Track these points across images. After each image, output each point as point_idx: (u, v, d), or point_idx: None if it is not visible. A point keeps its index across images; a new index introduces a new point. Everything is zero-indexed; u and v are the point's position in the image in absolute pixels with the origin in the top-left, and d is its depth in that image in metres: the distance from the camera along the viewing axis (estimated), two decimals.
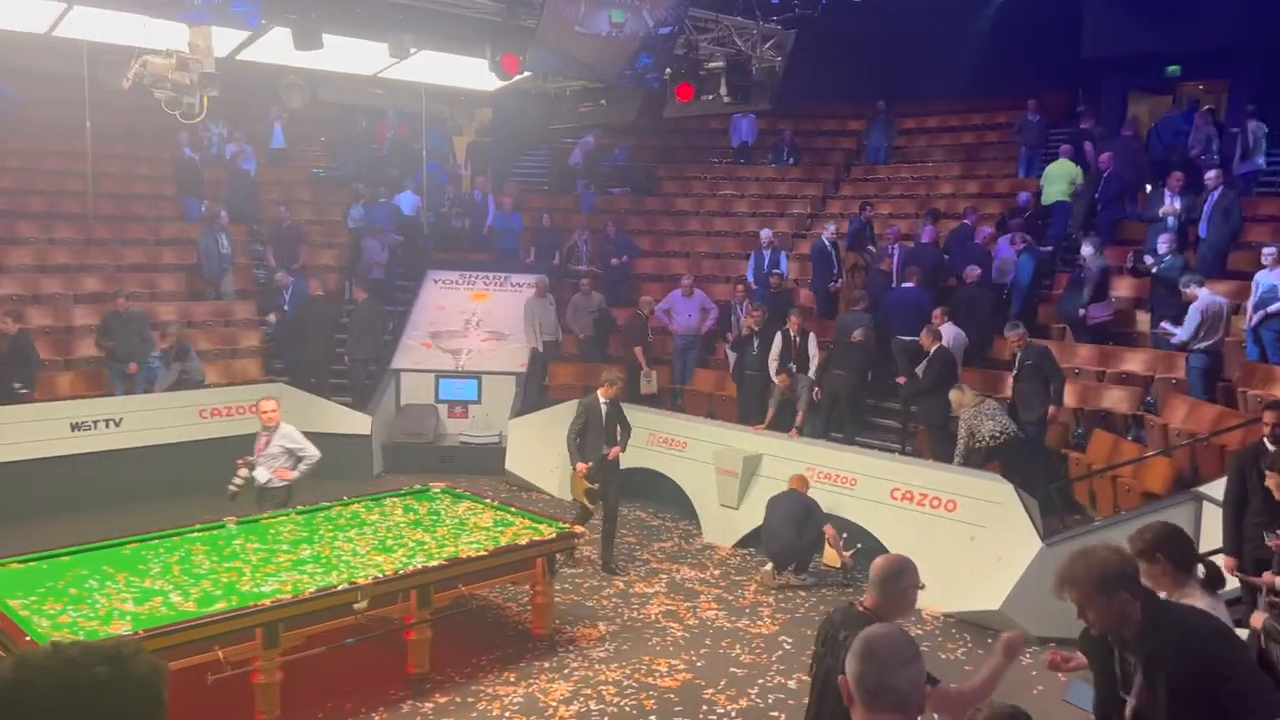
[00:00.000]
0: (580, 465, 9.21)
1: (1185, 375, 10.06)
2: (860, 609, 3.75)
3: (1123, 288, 12.31)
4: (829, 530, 8.89)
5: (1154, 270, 11.06)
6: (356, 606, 6.24)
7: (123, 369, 11.35)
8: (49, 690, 1.48)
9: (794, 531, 8.80)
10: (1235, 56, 15.75)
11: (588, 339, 13.59)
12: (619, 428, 9.36)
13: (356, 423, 12.10)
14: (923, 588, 3.77)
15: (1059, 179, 13.90)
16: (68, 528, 7.98)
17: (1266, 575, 4.92)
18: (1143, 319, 11.70)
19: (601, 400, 9.23)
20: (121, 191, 15.16)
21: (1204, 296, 9.80)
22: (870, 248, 13.62)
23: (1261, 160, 13.55)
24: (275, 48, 8.30)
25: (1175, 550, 3.45)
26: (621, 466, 9.46)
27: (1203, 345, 9.73)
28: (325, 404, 12.19)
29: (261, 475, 7.96)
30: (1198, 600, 3.39)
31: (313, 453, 8.01)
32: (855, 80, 19.48)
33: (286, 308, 13.15)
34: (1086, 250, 11.50)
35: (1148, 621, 3.05)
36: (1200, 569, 3.57)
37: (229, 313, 13.69)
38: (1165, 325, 10.37)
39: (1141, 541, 3.48)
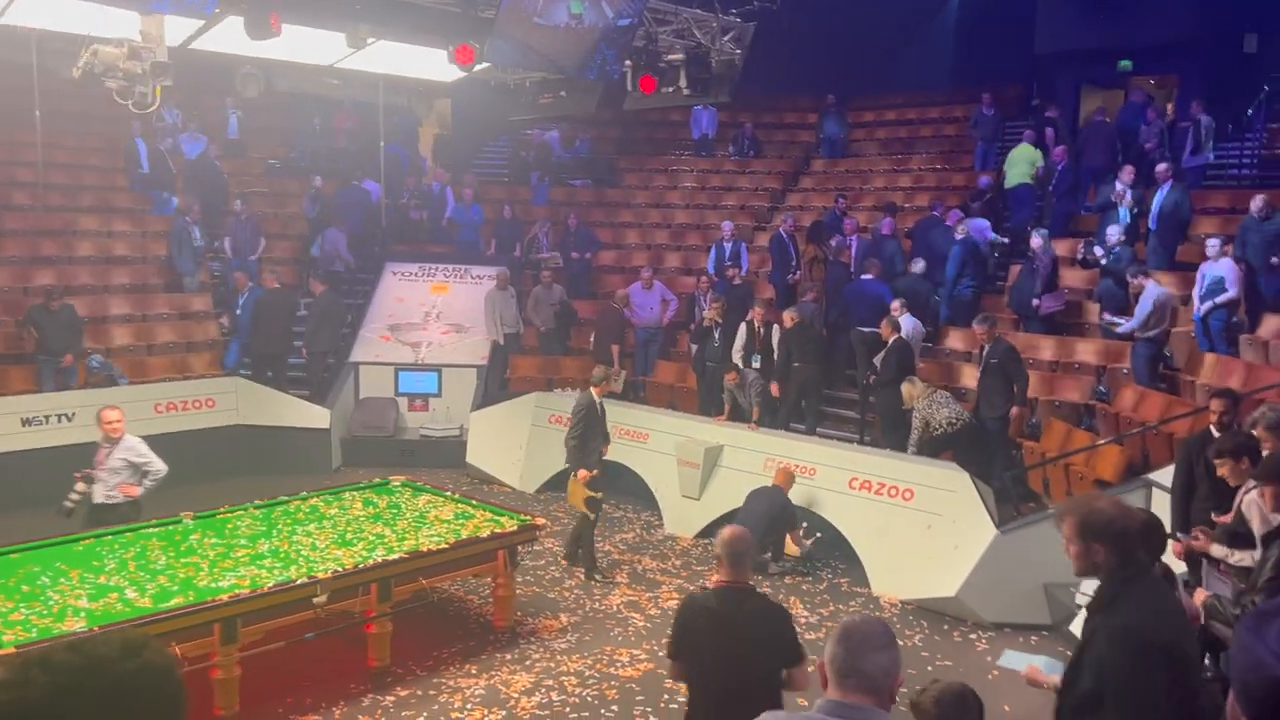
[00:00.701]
0: (582, 473, 8.89)
1: (1130, 363, 10.32)
2: (722, 585, 3.99)
3: (1075, 279, 12.51)
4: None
5: (1103, 261, 11.27)
6: (316, 601, 6.21)
7: (55, 363, 11.14)
8: (88, 693, 1.38)
9: (765, 527, 8.85)
10: (1184, 52, 16.07)
11: (548, 331, 13.58)
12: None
13: (315, 416, 12.01)
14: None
15: (1021, 162, 14.17)
16: (19, 524, 7.84)
17: (1200, 538, 5.00)
18: (1094, 310, 11.90)
19: (596, 398, 9.18)
20: (72, 182, 14.89)
21: (1152, 287, 10.10)
22: (832, 241, 13.72)
23: (1210, 154, 13.83)
24: (230, 37, 8.17)
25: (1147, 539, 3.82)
26: None
27: (1150, 334, 10.04)
28: (283, 397, 12.09)
29: (100, 491, 7.29)
30: None
31: (159, 466, 7.37)
32: (815, 73, 19.62)
33: (239, 311, 12.89)
34: (1036, 241, 11.69)
35: (1103, 597, 3.10)
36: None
37: (185, 306, 13.51)
38: (1107, 316, 10.69)
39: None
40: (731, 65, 10.52)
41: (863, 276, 12.08)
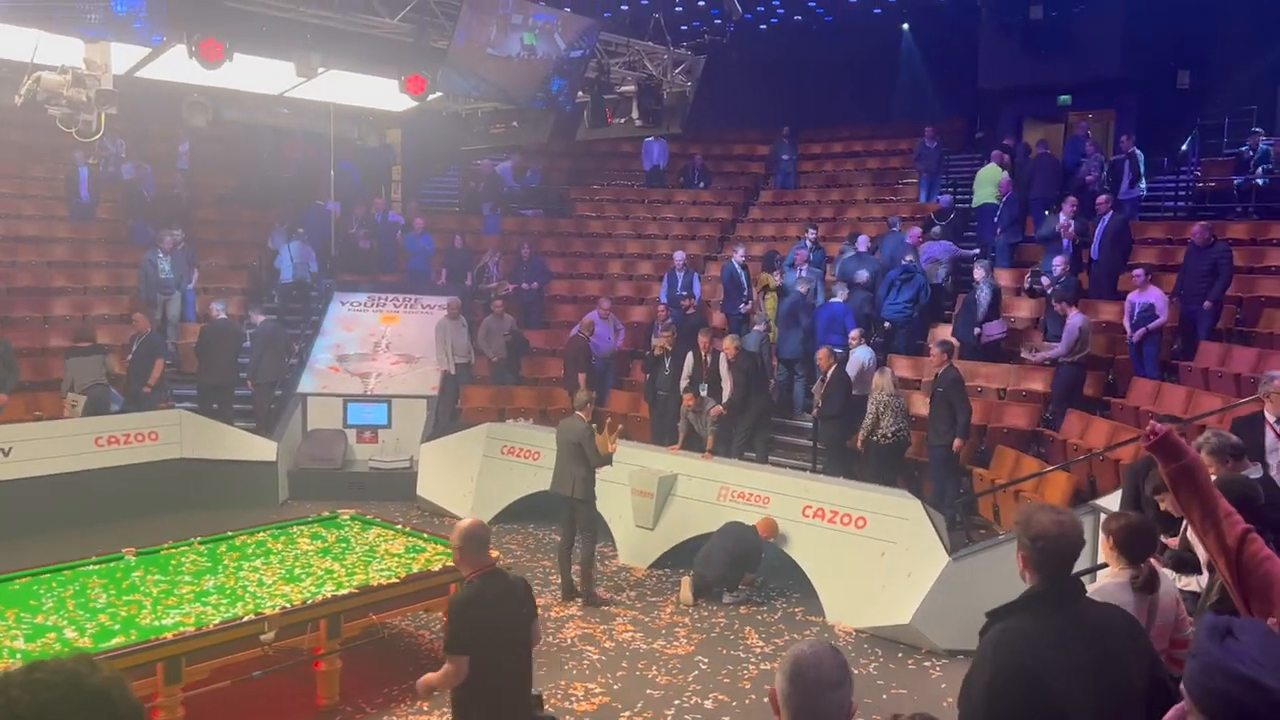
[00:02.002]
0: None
1: (1050, 388, 10.92)
2: (482, 573, 4.43)
3: (1022, 308, 12.75)
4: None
5: (1049, 291, 11.52)
6: (263, 638, 6.06)
7: None
8: (74, 705, 1.43)
9: (726, 566, 8.85)
10: (1121, 88, 16.56)
11: (500, 361, 13.49)
12: None
13: (261, 449, 11.78)
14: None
15: (987, 183, 14.55)
16: None
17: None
18: (1040, 339, 12.13)
19: (587, 421, 9.02)
20: (11, 213, 14.57)
21: (1076, 315, 10.57)
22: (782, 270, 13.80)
23: (1142, 188, 14.24)
24: (178, 65, 8.08)
25: (1124, 541, 3.97)
26: (536, 490, 9.30)
27: (1073, 359, 10.48)
28: (228, 430, 11.85)
29: None
30: (1109, 579, 3.87)
31: None
32: (763, 106, 19.93)
33: (130, 356, 12.17)
34: (979, 272, 11.94)
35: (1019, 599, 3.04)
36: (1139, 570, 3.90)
37: (127, 337, 13.21)
38: (1027, 350, 11.33)
39: (1111, 523, 4.04)
40: (682, 97, 10.64)
41: (831, 300, 12.23)
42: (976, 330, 11.72)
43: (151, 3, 6.99)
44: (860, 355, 11.16)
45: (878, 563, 8.44)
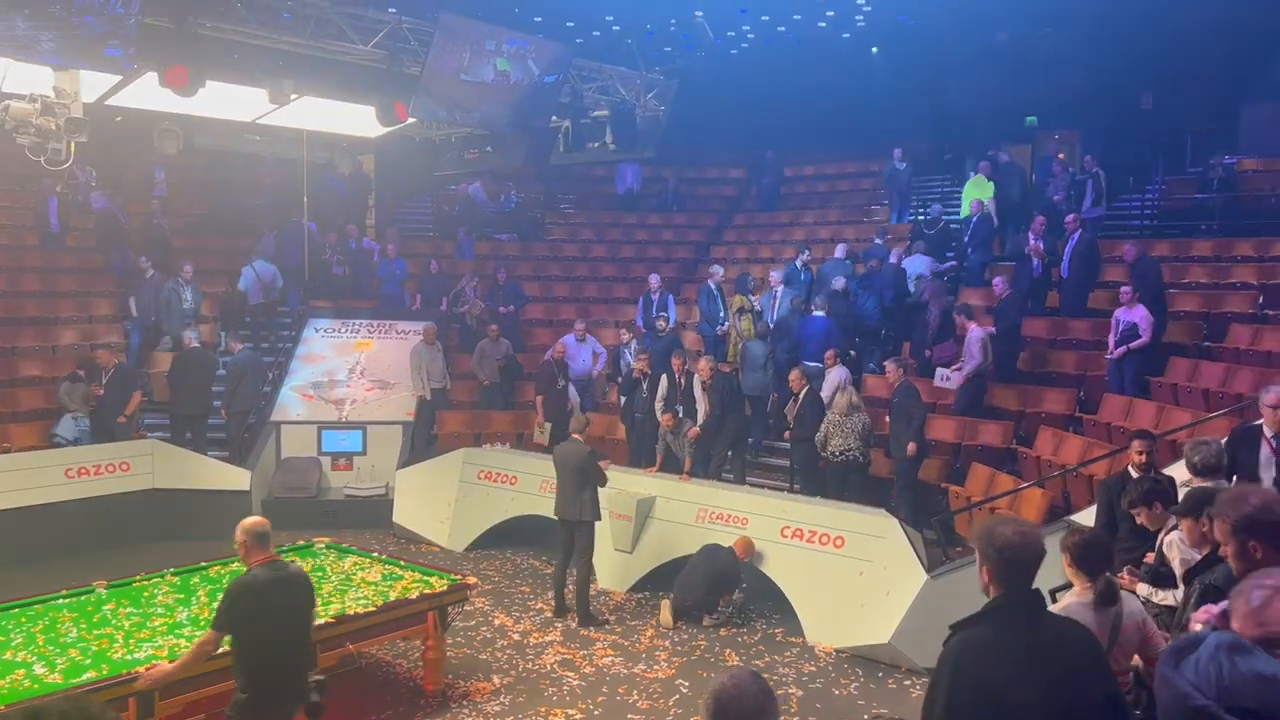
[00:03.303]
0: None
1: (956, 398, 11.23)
2: (262, 562, 5.11)
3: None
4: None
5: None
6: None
7: None
8: None
9: (704, 589, 8.86)
10: (1085, 108, 16.82)
11: (492, 386, 13.41)
12: None
13: (234, 478, 11.65)
14: None
15: (974, 194, 14.73)
16: None
17: (1125, 577, 5.11)
18: (1010, 358, 12.25)
19: (588, 447, 9.05)
20: None
21: (975, 329, 10.95)
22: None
23: (1102, 206, 14.45)
24: (148, 93, 8.05)
25: (1080, 555, 4.02)
26: (514, 515, 9.25)
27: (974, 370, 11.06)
28: (201, 459, 11.72)
29: None
30: (1073, 598, 3.93)
31: None
32: (735, 130, 20.08)
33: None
34: (928, 293, 12.11)
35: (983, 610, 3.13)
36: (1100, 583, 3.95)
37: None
38: (941, 372, 11.61)
39: (1067, 539, 4.11)
40: (655, 121, 10.72)
41: (813, 313, 12.35)
42: (927, 352, 11.86)
43: (123, 30, 6.97)
44: (835, 377, 11.21)
45: (856, 582, 8.45)
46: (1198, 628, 2.36)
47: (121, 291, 14.62)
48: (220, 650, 5.96)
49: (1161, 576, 4.93)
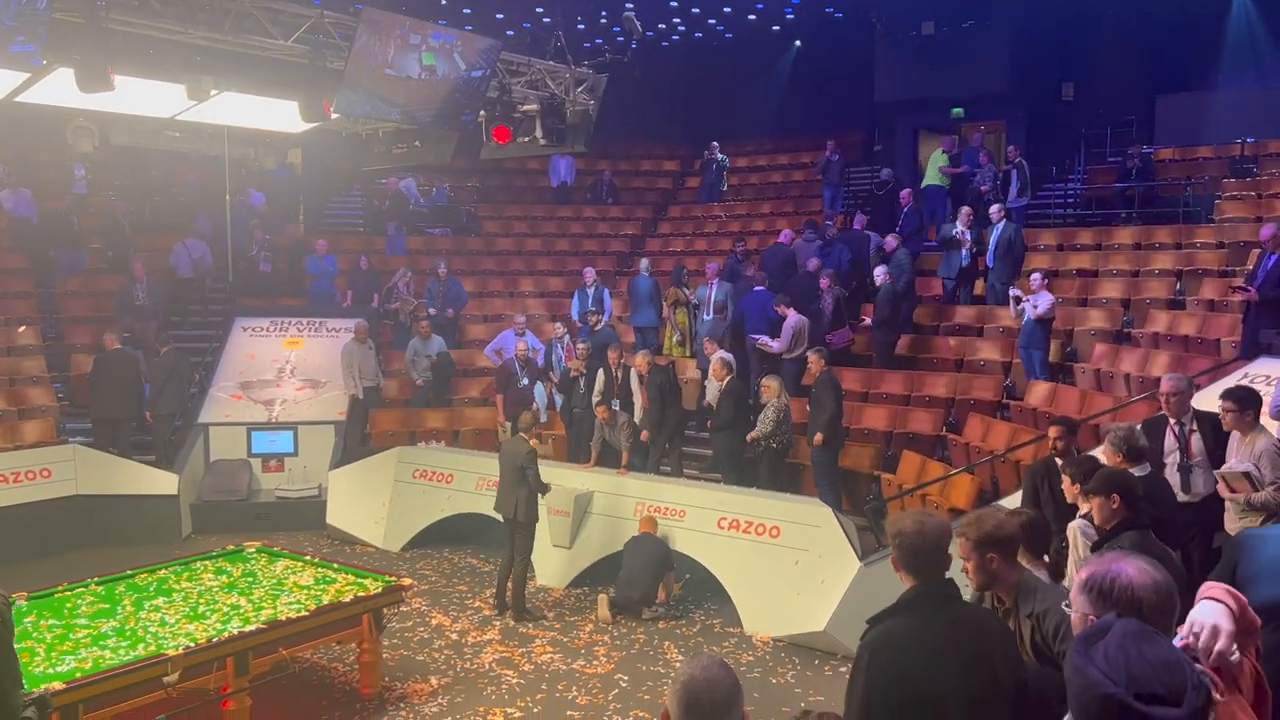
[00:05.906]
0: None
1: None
2: None
3: (925, 315, 13.11)
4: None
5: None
6: (166, 680, 5.84)
7: None
8: None
9: (650, 577, 8.89)
10: (1009, 100, 17.14)
11: (425, 385, 13.21)
12: None
13: (161, 482, 11.38)
14: None
15: (934, 166, 15.45)
16: None
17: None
18: (943, 345, 12.48)
19: (531, 447, 8.97)
20: None
21: (793, 316, 11.62)
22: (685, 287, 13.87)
23: (1027, 196, 14.77)
24: (61, 89, 7.79)
25: (1028, 537, 4.12)
26: (451, 514, 9.18)
27: (794, 355, 11.60)
28: (126, 464, 11.41)
29: None
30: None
31: None
32: (668, 122, 20.12)
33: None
34: (824, 282, 12.49)
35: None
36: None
37: (15, 370, 12.69)
38: (761, 338, 12.03)
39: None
40: (586, 115, 10.66)
41: (755, 288, 12.61)
42: (828, 337, 12.08)
43: (32, 25, 6.74)
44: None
45: (792, 571, 8.54)
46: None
47: (40, 291, 14.18)
48: (151, 657, 5.85)
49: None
